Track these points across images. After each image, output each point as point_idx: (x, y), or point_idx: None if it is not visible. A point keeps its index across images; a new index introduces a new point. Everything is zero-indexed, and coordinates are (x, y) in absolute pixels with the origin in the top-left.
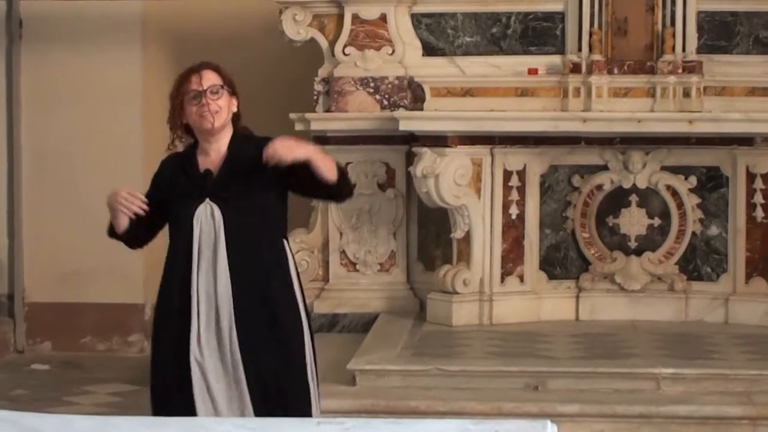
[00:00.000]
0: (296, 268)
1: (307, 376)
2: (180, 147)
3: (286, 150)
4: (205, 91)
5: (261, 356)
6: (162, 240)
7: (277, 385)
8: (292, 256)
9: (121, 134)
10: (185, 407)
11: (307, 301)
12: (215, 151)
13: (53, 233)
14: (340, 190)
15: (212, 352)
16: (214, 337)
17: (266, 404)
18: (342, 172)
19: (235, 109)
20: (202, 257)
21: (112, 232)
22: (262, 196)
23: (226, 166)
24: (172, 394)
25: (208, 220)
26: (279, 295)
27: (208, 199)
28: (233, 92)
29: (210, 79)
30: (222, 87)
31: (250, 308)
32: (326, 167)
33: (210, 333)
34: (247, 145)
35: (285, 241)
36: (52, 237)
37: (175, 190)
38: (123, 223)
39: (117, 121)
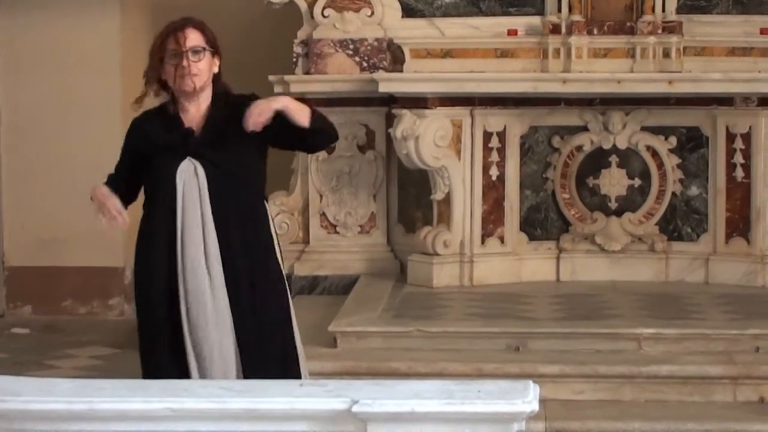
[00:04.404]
0: (275, 228)
1: (293, 333)
2: (155, 101)
3: (258, 116)
4: (186, 51)
5: (250, 315)
6: (141, 198)
7: (264, 343)
8: (271, 215)
9: (99, 100)
10: (177, 368)
11: (288, 264)
12: (195, 110)
13: (33, 198)
14: (317, 136)
15: (203, 309)
16: (206, 293)
17: (258, 365)
18: (319, 118)
19: (216, 70)
20: (186, 214)
21: None
22: (243, 155)
23: (209, 125)
24: (165, 355)
25: (191, 178)
26: (261, 253)
27: (189, 157)
28: (215, 52)
29: (192, 39)
30: (204, 49)
31: (237, 265)
32: (299, 116)
33: (199, 290)
34: (228, 103)
35: (264, 201)
36: (31, 201)
37: (155, 146)
38: None
39: (95, 87)
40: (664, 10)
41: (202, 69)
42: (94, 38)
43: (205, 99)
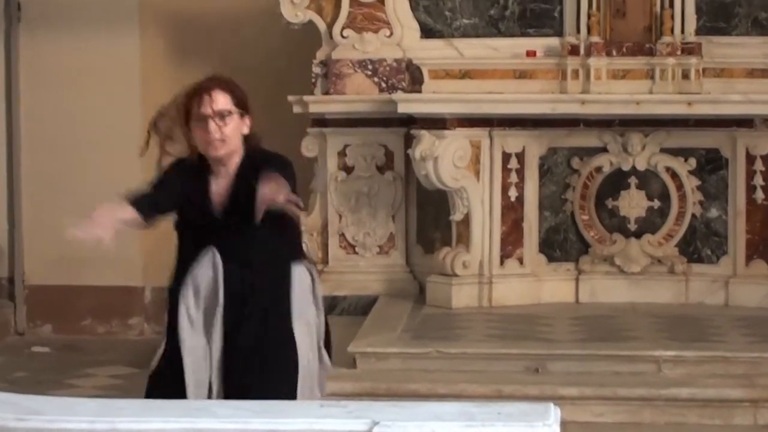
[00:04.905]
0: (311, 289)
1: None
2: (172, 152)
3: (276, 194)
4: (213, 117)
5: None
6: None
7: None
8: (311, 276)
9: (119, 117)
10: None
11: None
12: (224, 174)
13: (53, 216)
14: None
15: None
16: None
17: None
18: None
19: (246, 131)
20: (205, 298)
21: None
22: (264, 233)
23: (231, 199)
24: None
25: (208, 265)
26: (274, 336)
27: (211, 246)
28: (245, 111)
29: (219, 101)
30: (230, 113)
31: (242, 355)
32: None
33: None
34: (253, 171)
35: (296, 264)
36: (51, 220)
37: (187, 208)
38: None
39: (115, 105)
40: (683, 32)
41: (229, 134)
42: (113, 56)
43: (234, 161)
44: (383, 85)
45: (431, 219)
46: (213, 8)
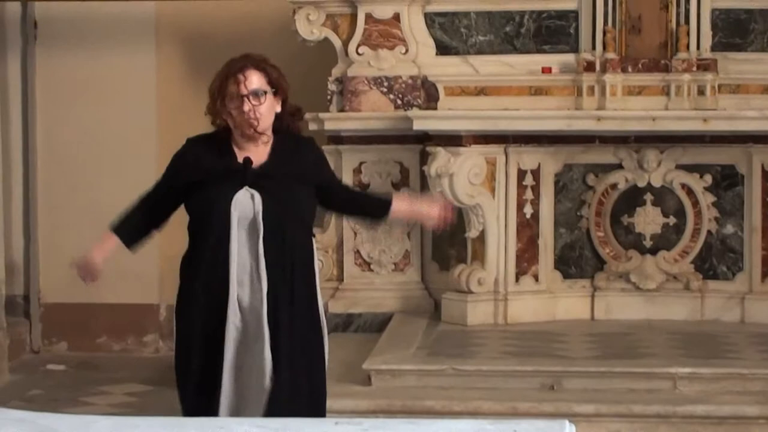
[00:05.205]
0: (317, 267)
1: (324, 372)
2: None
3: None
4: (248, 96)
5: (287, 352)
6: (177, 235)
7: (301, 386)
8: (316, 255)
9: (135, 135)
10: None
11: (322, 301)
12: (254, 147)
13: (68, 233)
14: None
15: (242, 336)
16: (242, 324)
17: (285, 403)
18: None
19: (278, 109)
20: (241, 244)
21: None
22: (300, 194)
23: (269, 160)
24: (202, 385)
25: (247, 205)
26: (305, 289)
27: (247, 187)
28: (278, 90)
29: (253, 81)
30: (265, 92)
31: (280, 301)
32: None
33: (242, 320)
34: (291, 144)
35: (313, 239)
36: (67, 237)
37: (206, 173)
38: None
39: (131, 122)
40: (698, 48)
41: (264, 113)
42: (129, 73)
43: (265, 138)
44: (399, 102)
45: (446, 236)
46: (229, 25)
